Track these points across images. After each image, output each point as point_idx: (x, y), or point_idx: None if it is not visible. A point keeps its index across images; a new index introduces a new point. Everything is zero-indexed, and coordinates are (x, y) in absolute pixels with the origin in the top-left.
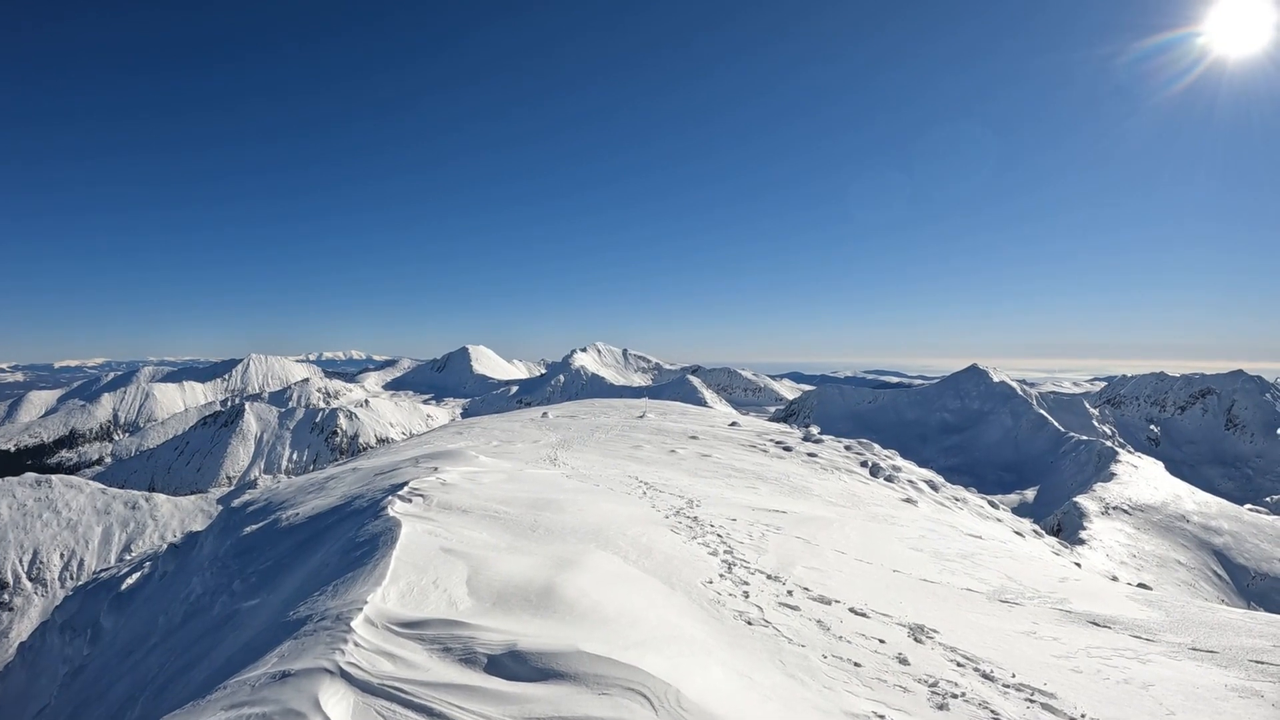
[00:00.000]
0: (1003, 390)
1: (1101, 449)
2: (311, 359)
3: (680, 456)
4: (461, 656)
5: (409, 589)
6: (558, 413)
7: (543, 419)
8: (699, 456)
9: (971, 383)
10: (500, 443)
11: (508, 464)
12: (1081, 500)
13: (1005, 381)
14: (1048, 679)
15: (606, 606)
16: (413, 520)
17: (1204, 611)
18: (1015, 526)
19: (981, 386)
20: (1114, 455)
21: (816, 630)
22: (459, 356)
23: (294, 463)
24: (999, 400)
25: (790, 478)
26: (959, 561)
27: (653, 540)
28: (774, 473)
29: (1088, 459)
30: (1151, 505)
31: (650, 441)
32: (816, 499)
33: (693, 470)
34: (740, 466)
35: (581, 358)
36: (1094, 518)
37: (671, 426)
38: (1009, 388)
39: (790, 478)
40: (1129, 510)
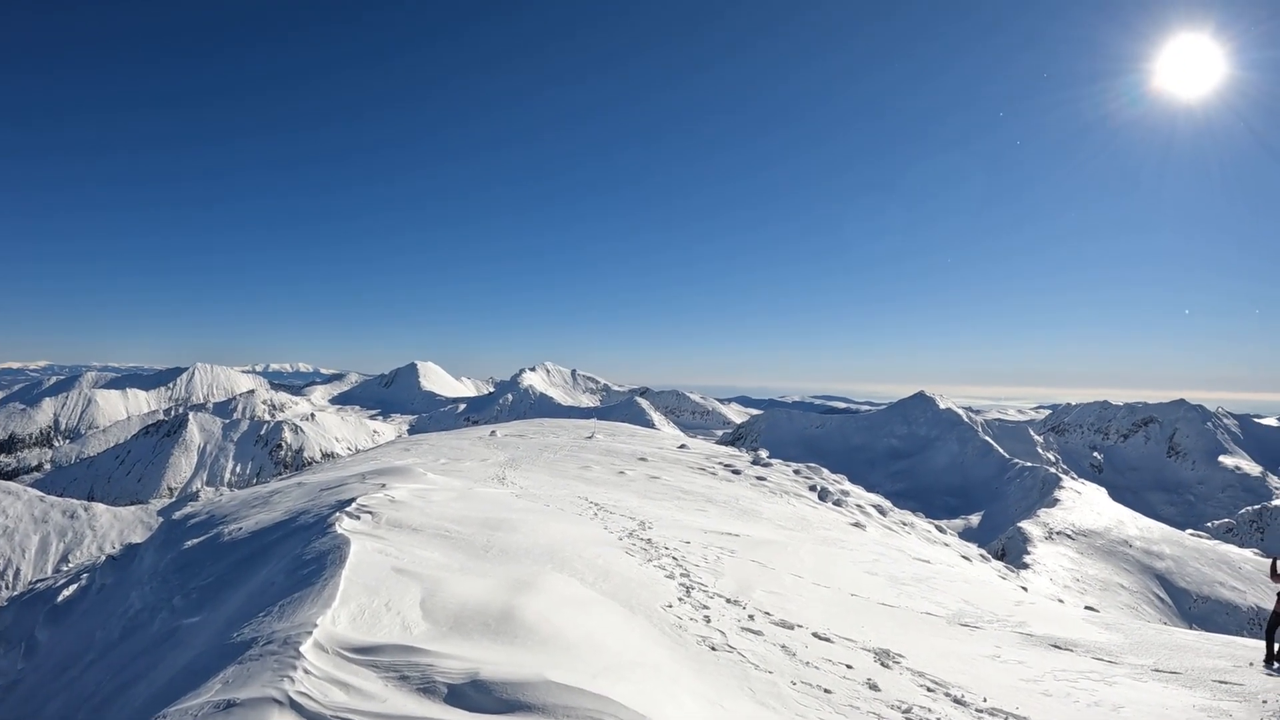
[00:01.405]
0: (949, 417)
1: (1045, 475)
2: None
3: (629, 478)
4: (420, 685)
5: (360, 611)
6: (506, 431)
7: (491, 437)
8: (648, 478)
9: (919, 409)
10: (449, 460)
11: (457, 482)
12: (1026, 525)
13: (952, 409)
14: (1019, 703)
15: (569, 631)
16: (362, 538)
17: (1161, 633)
18: (962, 551)
19: (929, 413)
20: (1058, 481)
21: (782, 656)
22: (407, 373)
23: (237, 475)
24: (946, 427)
25: (740, 501)
26: (915, 585)
27: (609, 563)
28: (723, 495)
29: (1032, 485)
30: (1095, 530)
31: (599, 462)
32: (767, 522)
33: (643, 492)
34: (690, 489)
35: (530, 377)
36: (1038, 542)
37: (621, 448)
38: (955, 415)
39: (740, 501)
40: (1072, 535)
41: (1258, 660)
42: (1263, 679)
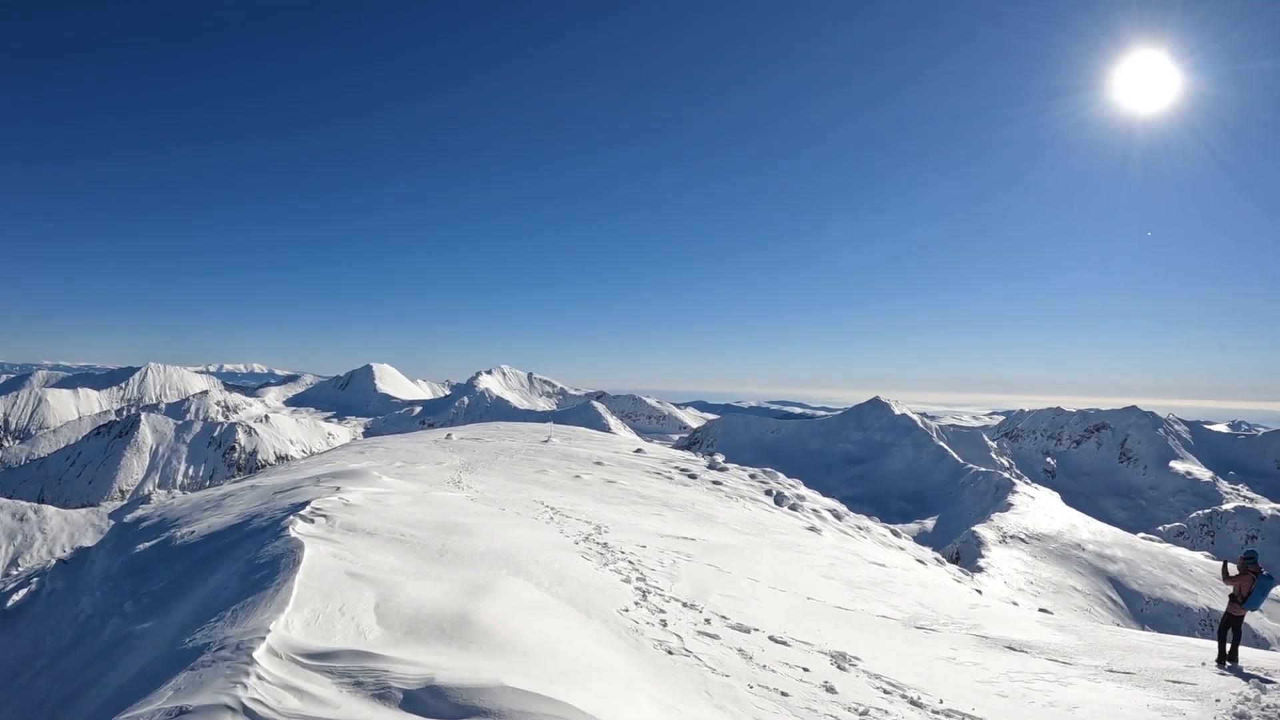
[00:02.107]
0: (904, 423)
1: (999, 480)
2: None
3: (586, 482)
4: (375, 691)
5: (314, 616)
6: (462, 435)
7: (447, 440)
8: (604, 482)
9: (874, 415)
10: (404, 464)
11: (412, 485)
12: (980, 529)
13: (907, 414)
14: (975, 704)
15: (525, 636)
16: (316, 542)
17: (1114, 635)
18: (917, 554)
19: (884, 419)
20: (1011, 486)
21: (739, 659)
22: (363, 374)
23: (190, 478)
24: (901, 432)
25: (696, 505)
26: (871, 589)
27: (565, 567)
28: (680, 500)
29: (986, 489)
30: (1048, 534)
31: (556, 466)
32: (723, 526)
33: (599, 496)
34: (646, 493)
35: (487, 380)
36: (992, 546)
37: (577, 452)
38: (910, 420)
39: (696, 505)
40: (1026, 539)
41: (1210, 660)
42: (1215, 678)
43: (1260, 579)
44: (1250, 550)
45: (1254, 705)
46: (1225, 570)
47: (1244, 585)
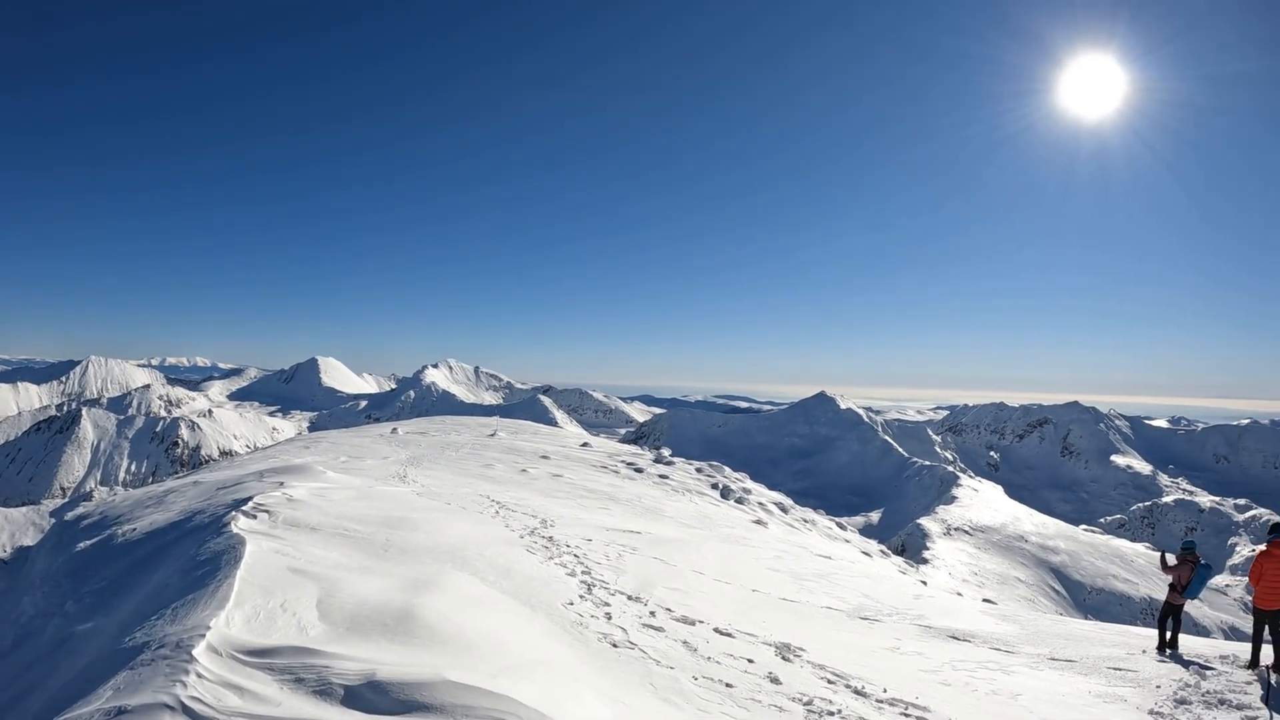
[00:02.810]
0: (850, 417)
1: (944, 474)
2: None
3: (532, 476)
4: (316, 688)
5: (255, 613)
6: (408, 429)
7: (393, 435)
8: (551, 476)
9: (820, 409)
10: (349, 458)
11: (358, 480)
12: (925, 522)
13: (853, 409)
14: (919, 693)
15: (469, 631)
16: (258, 538)
17: (1056, 624)
18: (862, 547)
19: (830, 413)
20: (956, 480)
21: (684, 651)
22: (308, 368)
23: (132, 474)
24: (847, 427)
25: (643, 499)
26: (816, 581)
27: (510, 561)
28: (627, 494)
29: (931, 483)
30: (991, 526)
31: (502, 460)
32: (670, 520)
33: (545, 490)
34: (593, 487)
35: (433, 374)
36: (937, 538)
37: (523, 446)
38: (856, 415)
39: (643, 499)
40: (970, 531)
41: (1150, 648)
42: (1155, 665)
43: (1199, 569)
44: (1189, 541)
45: (1194, 691)
46: (1164, 560)
47: (1183, 575)
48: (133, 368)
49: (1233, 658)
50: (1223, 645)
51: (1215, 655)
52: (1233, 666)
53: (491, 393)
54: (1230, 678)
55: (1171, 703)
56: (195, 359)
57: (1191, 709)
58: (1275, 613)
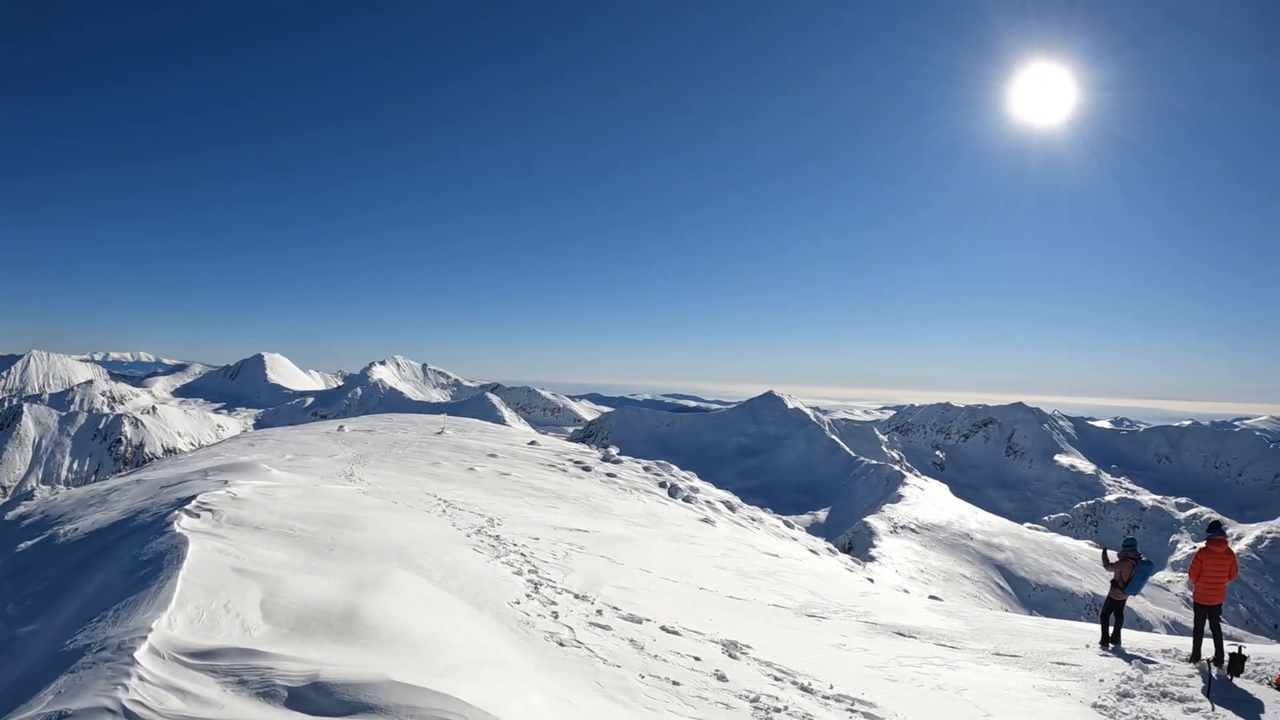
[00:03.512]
0: (797, 416)
1: (890, 473)
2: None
3: (480, 474)
4: (259, 689)
5: (198, 614)
6: (354, 427)
7: (339, 433)
8: (498, 475)
9: (768, 409)
10: (295, 456)
11: (303, 479)
12: (871, 520)
13: (800, 408)
14: (865, 688)
15: (414, 630)
16: (201, 537)
17: (1001, 620)
18: (809, 545)
19: (777, 413)
20: (902, 478)
21: (630, 650)
22: (253, 364)
23: (74, 472)
24: (794, 426)
25: (590, 497)
26: (763, 578)
27: (457, 560)
28: (574, 492)
29: (877, 482)
30: (937, 524)
31: (449, 459)
32: (617, 518)
33: (493, 489)
34: (540, 485)
35: (380, 371)
36: (883, 536)
37: (471, 444)
38: (803, 414)
39: (590, 497)
40: (916, 529)
41: (1094, 642)
42: (1098, 659)
43: (1140, 565)
44: (1130, 538)
45: (1136, 684)
46: (1105, 557)
47: (1125, 571)
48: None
49: (1174, 651)
50: (1165, 639)
51: (1157, 649)
52: (1174, 660)
53: (439, 390)
54: (1172, 671)
55: (1114, 696)
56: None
57: (1134, 702)
58: (1215, 607)
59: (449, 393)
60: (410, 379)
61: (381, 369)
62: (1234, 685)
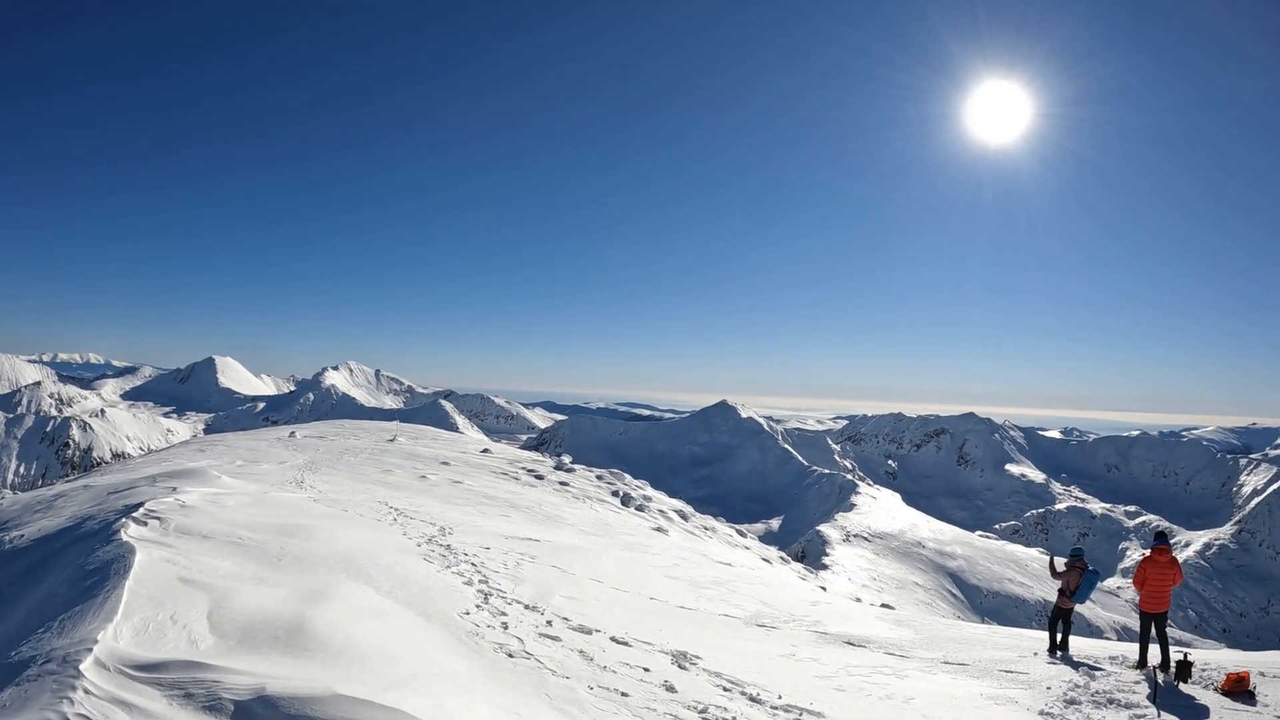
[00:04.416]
0: (751, 426)
1: (843, 482)
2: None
3: (432, 483)
4: (205, 703)
5: (144, 625)
6: (306, 433)
7: (290, 439)
8: (451, 483)
9: (721, 418)
10: (245, 462)
11: (253, 486)
12: (824, 529)
13: (753, 417)
14: (813, 698)
15: (362, 642)
16: (148, 546)
17: (950, 628)
18: (762, 554)
19: (730, 422)
20: (854, 487)
21: (580, 661)
22: (204, 368)
23: (21, 476)
24: (747, 435)
25: (543, 506)
26: (715, 588)
27: (407, 570)
28: (527, 501)
29: (830, 490)
30: (890, 533)
31: (401, 466)
32: (570, 528)
33: (445, 497)
34: (493, 494)
35: (333, 376)
36: (836, 544)
37: (423, 451)
38: (757, 423)
39: (543, 506)
40: (869, 537)
41: (1042, 650)
42: (1046, 667)
43: (1086, 574)
44: (1077, 547)
45: (1084, 691)
46: (1053, 566)
47: (1071, 580)
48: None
49: (1121, 658)
50: (1112, 646)
51: (1105, 656)
52: (1121, 667)
53: (393, 396)
54: (1119, 678)
55: (1061, 703)
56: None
57: (1081, 709)
58: (1160, 615)
59: (402, 399)
60: (363, 385)
61: (334, 374)
62: (1180, 691)
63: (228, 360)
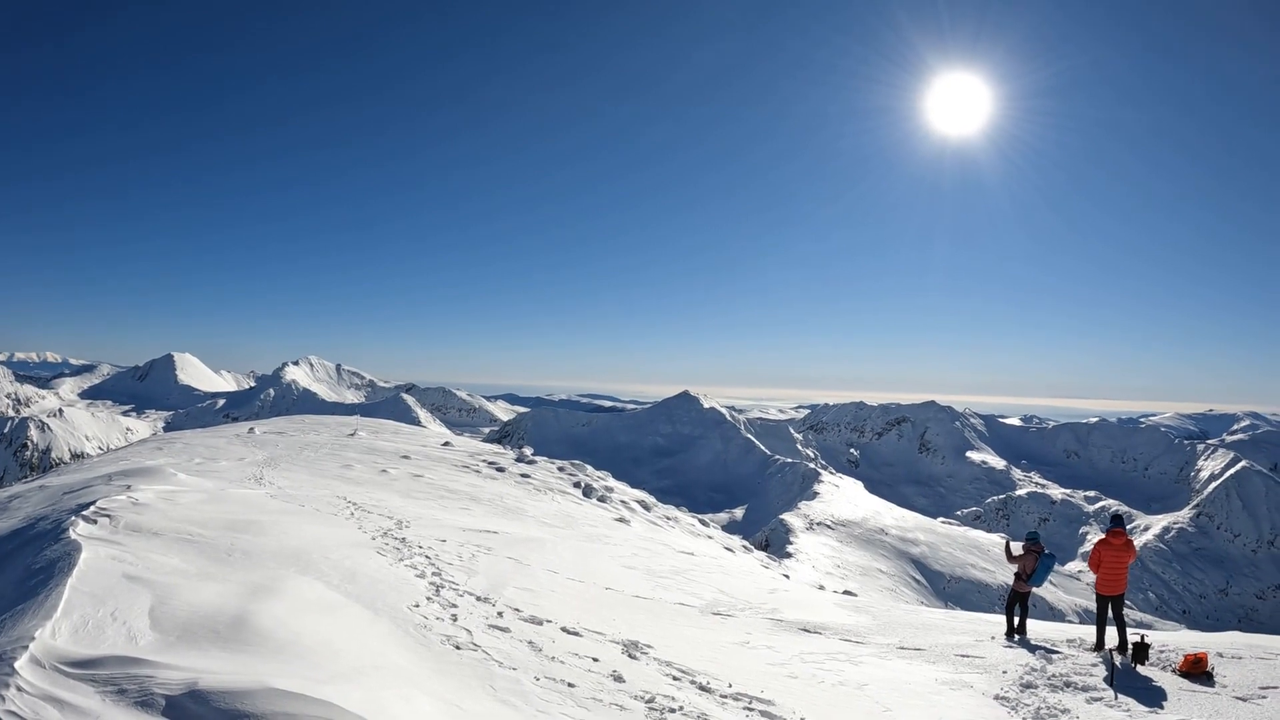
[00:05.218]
0: (713, 416)
1: (805, 470)
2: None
3: (392, 477)
4: (138, 699)
5: (84, 622)
6: (265, 429)
7: (249, 435)
8: (411, 477)
9: (683, 408)
10: (203, 460)
11: (209, 483)
12: (788, 517)
13: (715, 408)
14: (764, 686)
15: (306, 637)
16: (95, 544)
17: (909, 614)
18: (725, 543)
19: (693, 412)
20: (817, 476)
21: (528, 652)
22: (163, 364)
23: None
24: (709, 425)
25: (504, 499)
26: (673, 577)
27: (358, 564)
28: (488, 494)
29: (793, 479)
30: (853, 520)
31: (362, 461)
32: (531, 520)
33: (405, 491)
34: (454, 487)
35: (294, 371)
36: (800, 533)
37: (384, 446)
38: (719, 414)
39: (504, 499)
40: (832, 525)
41: (999, 634)
42: (1002, 651)
43: (1042, 558)
44: (1032, 531)
45: (1040, 675)
46: (1009, 550)
47: (1028, 564)
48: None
49: (1079, 641)
50: (1070, 629)
51: (1062, 639)
52: (1079, 650)
53: (354, 391)
54: (1076, 661)
55: (1017, 687)
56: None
57: (1037, 692)
58: (1117, 597)
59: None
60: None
61: (295, 369)
62: (1138, 673)
63: (187, 356)
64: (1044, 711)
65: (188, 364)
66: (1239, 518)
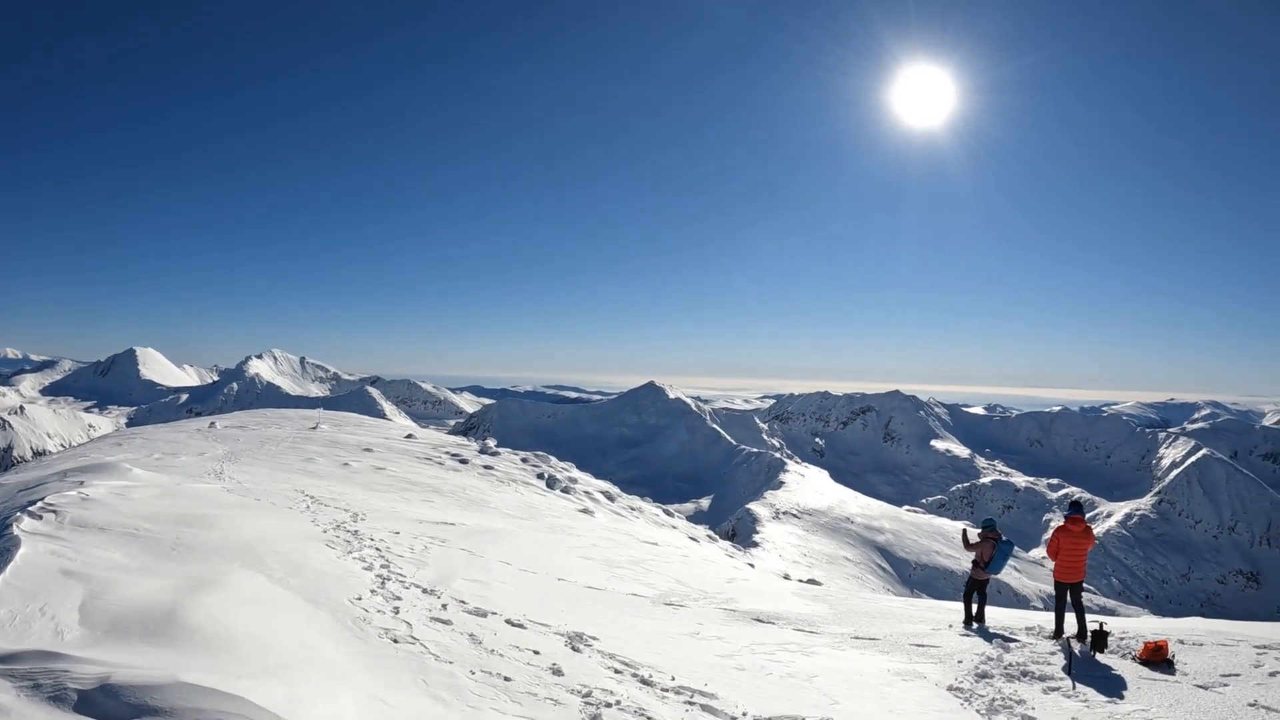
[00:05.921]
0: (679, 406)
1: (771, 460)
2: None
3: (354, 470)
4: (51, 693)
5: (10, 617)
6: (227, 423)
7: (210, 430)
8: (373, 470)
9: (649, 399)
10: (163, 455)
11: (165, 478)
12: (754, 506)
13: (681, 398)
14: (709, 679)
15: (237, 631)
16: (36, 539)
17: (867, 602)
18: (690, 532)
19: (659, 403)
20: (783, 465)
21: (468, 645)
22: (125, 360)
23: None
24: (675, 416)
25: (467, 490)
26: (630, 568)
27: (305, 557)
28: (451, 486)
29: (759, 469)
30: (819, 509)
31: (324, 454)
32: (495, 511)
33: (367, 484)
34: (416, 480)
35: (257, 365)
36: (766, 522)
37: (346, 439)
38: (685, 404)
39: (467, 490)
40: (798, 514)
41: (957, 622)
42: (959, 640)
43: (1000, 545)
44: (989, 519)
45: (996, 664)
46: (965, 537)
47: (985, 551)
48: None
49: (1038, 629)
50: (1030, 616)
51: (1021, 627)
52: (1038, 638)
53: (318, 384)
54: (1034, 649)
55: (972, 677)
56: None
57: (993, 682)
58: (1076, 584)
59: (328, 386)
60: (288, 373)
61: (258, 363)
62: (1097, 661)
63: (149, 351)
64: (998, 702)
65: (150, 359)
66: (1200, 504)
